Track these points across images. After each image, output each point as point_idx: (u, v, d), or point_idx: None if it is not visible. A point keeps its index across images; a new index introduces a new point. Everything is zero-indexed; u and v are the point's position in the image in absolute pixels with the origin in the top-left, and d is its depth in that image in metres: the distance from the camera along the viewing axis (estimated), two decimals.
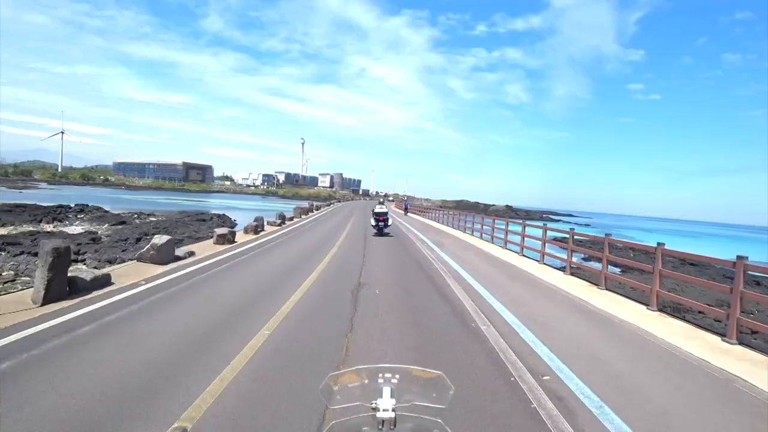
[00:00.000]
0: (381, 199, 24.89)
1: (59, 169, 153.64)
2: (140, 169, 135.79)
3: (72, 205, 29.90)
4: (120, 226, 21.42)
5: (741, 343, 5.63)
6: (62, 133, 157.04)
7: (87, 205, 31.06)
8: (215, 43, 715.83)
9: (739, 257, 5.84)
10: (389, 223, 19.04)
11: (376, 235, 18.31)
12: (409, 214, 40.99)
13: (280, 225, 19.73)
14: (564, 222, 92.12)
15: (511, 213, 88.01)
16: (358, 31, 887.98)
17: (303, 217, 27.16)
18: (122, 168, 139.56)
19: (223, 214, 32.49)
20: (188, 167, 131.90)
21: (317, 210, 36.63)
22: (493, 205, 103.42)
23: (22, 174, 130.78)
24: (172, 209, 37.68)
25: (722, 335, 5.83)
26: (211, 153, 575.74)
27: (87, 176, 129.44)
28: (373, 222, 18.58)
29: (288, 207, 34.54)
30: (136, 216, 27.65)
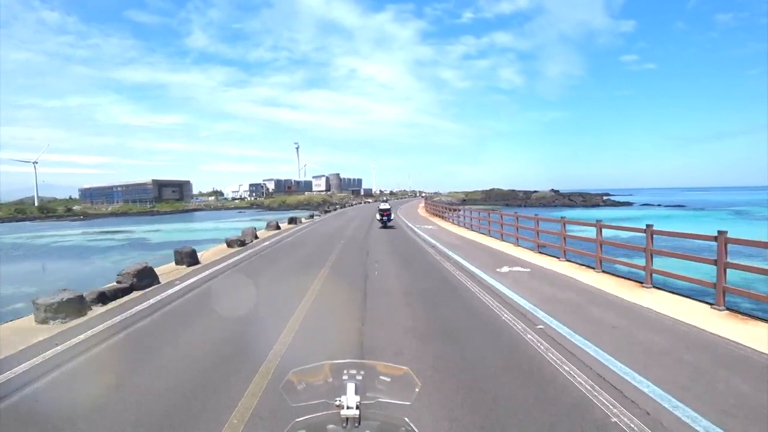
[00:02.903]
0: (385, 198, 32.96)
1: (35, 203, 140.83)
2: (108, 193, 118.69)
3: None
4: None
5: None
6: (35, 164, 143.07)
7: None
8: (202, 59, 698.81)
9: None
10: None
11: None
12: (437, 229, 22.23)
13: None
14: (640, 206, 72.53)
15: (563, 199, 68.48)
16: (344, 31, 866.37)
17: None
18: (89, 195, 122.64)
19: None
20: (160, 185, 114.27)
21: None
22: (536, 191, 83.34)
23: None
24: None
25: None
26: (211, 170, 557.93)
27: (46, 208, 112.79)
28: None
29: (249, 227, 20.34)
30: None
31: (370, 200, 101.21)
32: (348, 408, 1.05)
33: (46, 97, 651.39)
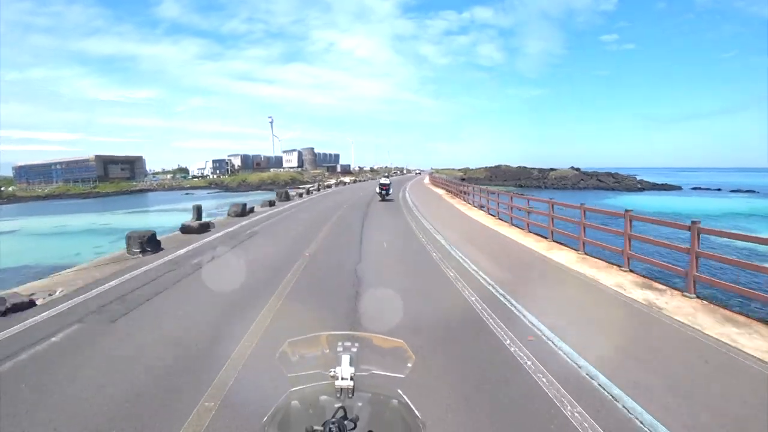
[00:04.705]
0: (386, 173, 34.53)
1: None
2: (46, 172, 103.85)
3: None
4: None
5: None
6: None
7: None
8: (174, 30, 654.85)
9: None
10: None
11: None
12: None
13: None
14: (693, 191, 62.18)
15: (590, 179, 57.86)
16: (322, 3, 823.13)
17: None
18: (24, 173, 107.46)
19: None
20: (105, 162, 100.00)
21: None
22: (553, 169, 71.28)
23: None
24: None
25: None
26: (185, 146, 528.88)
27: None
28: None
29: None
30: None
31: (347, 180, 67.65)
32: (342, 379, 1.05)
33: (6, 69, 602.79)
